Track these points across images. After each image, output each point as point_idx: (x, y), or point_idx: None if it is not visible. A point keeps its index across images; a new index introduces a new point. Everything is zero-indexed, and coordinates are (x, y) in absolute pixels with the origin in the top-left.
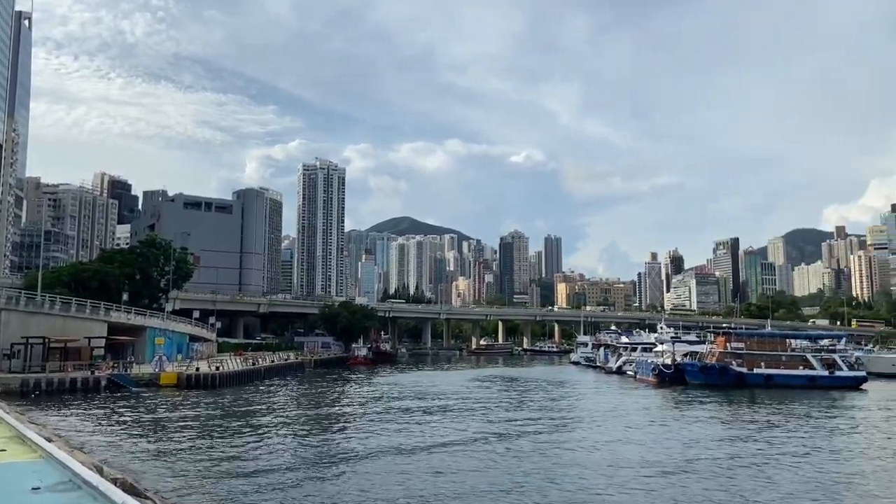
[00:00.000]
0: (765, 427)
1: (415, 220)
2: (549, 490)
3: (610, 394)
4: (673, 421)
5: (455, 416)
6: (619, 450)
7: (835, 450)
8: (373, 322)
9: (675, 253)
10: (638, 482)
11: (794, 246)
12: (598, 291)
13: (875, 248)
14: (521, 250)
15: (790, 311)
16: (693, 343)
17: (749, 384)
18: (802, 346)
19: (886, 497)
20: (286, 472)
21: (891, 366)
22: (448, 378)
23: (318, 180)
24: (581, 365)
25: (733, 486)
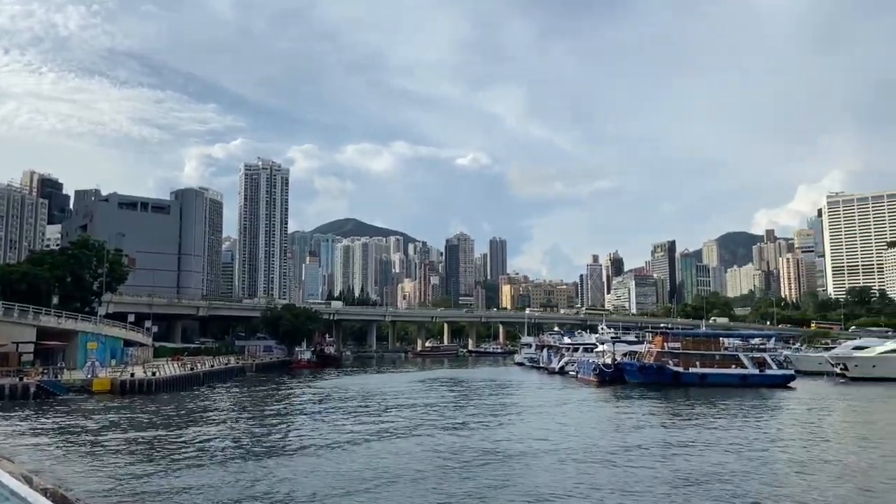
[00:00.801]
0: (696, 423)
1: (360, 222)
2: (493, 486)
3: (552, 394)
4: (610, 419)
5: (400, 418)
6: (560, 446)
7: (760, 444)
8: (317, 325)
9: (615, 255)
10: (579, 477)
11: (727, 249)
12: (542, 293)
13: (802, 250)
14: (467, 252)
15: (723, 312)
16: (632, 343)
17: (684, 383)
18: (735, 345)
19: (806, 481)
20: (223, 477)
21: (817, 364)
22: (393, 380)
23: (261, 180)
24: (525, 366)
25: (668, 476)
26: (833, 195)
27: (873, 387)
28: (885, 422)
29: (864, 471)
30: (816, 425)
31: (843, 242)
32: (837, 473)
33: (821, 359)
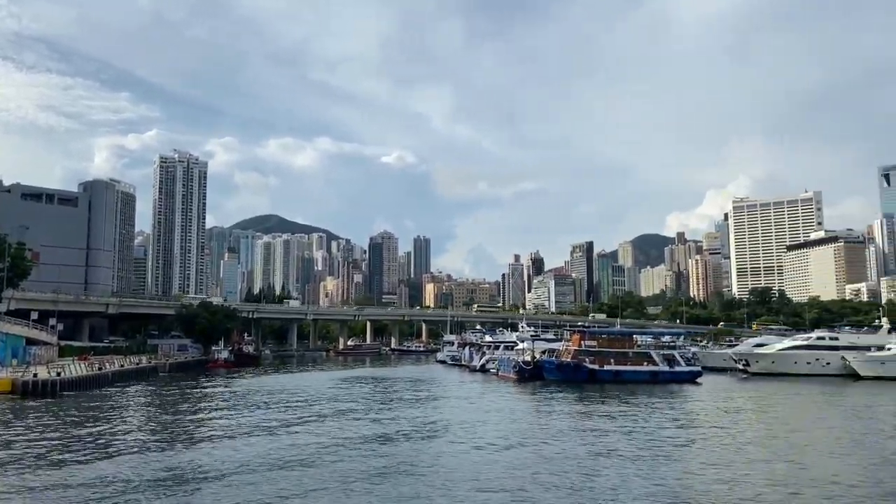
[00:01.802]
0: (608, 418)
1: (282, 219)
2: (413, 483)
3: (472, 390)
4: (527, 414)
5: (319, 416)
6: (476, 441)
7: (666, 435)
8: (235, 323)
9: (536, 255)
10: (496, 470)
11: (641, 250)
12: (465, 292)
13: (710, 252)
14: (391, 250)
15: (637, 311)
16: (551, 341)
17: (599, 380)
18: (647, 343)
19: (708, 465)
20: (130, 481)
21: (722, 360)
22: (314, 379)
23: (177, 173)
24: (447, 364)
25: (580, 467)
26: (738, 200)
27: (772, 381)
28: (782, 412)
29: (765, 459)
30: (720, 417)
31: (747, 245)
32: (741, 461)
33: (725, 355)
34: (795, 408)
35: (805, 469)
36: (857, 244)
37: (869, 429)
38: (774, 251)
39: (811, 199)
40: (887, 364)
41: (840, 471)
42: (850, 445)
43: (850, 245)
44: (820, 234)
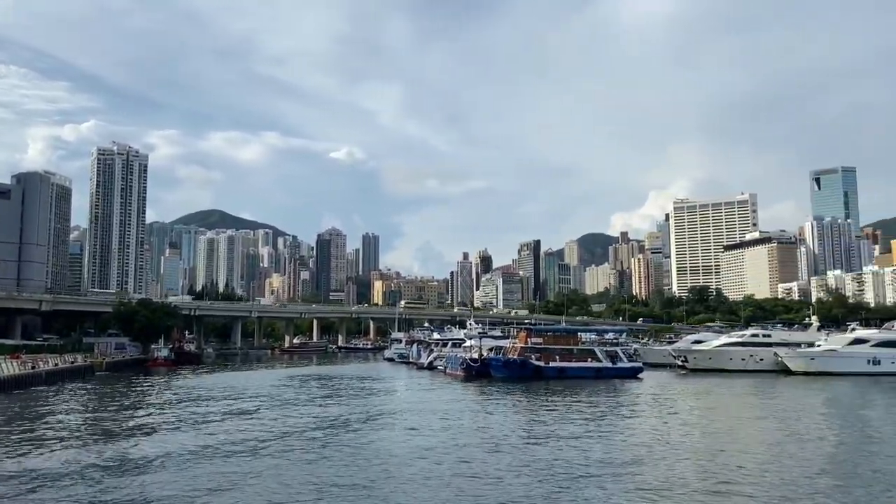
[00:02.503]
0: (551, 413)
1: (226, 214)
2: (356, 482)
3: (419, 388)
4: (472, 411)
5: (261, 414)
6: (423, 437)
7: (608, 429)
8: (176, 321)
9: (484, 253)
10: (441, 467)
11: (586, 249)
12: (414, 289)
13: (651, 252)
14: (339, 247)
15: (582, 308)
16: (498, 339)
17: (545, 377)
18: (591, 340)
19: (646, 453)
20: (63, 487)
21: (662, 357)
22: (257, 378)
23: (116, 166)
24: (395, 361)
25: (525, 462)
26: (679, 201)
27: (709, 377)
28: (717, 406)
29: (700, 449)
30: (660, 411)
31: (687, 245)
32: (679, 451)
33: (665, 352)
34: (729, 402)
35: (733, 459)
36: (789, 245)
37: (797, 422)
38: (712, 251)
39: (747, 201)
40: (817, 360)
41: (765, 461)
42: (778, 437)
43: (782, 246)
44: (755, 234)
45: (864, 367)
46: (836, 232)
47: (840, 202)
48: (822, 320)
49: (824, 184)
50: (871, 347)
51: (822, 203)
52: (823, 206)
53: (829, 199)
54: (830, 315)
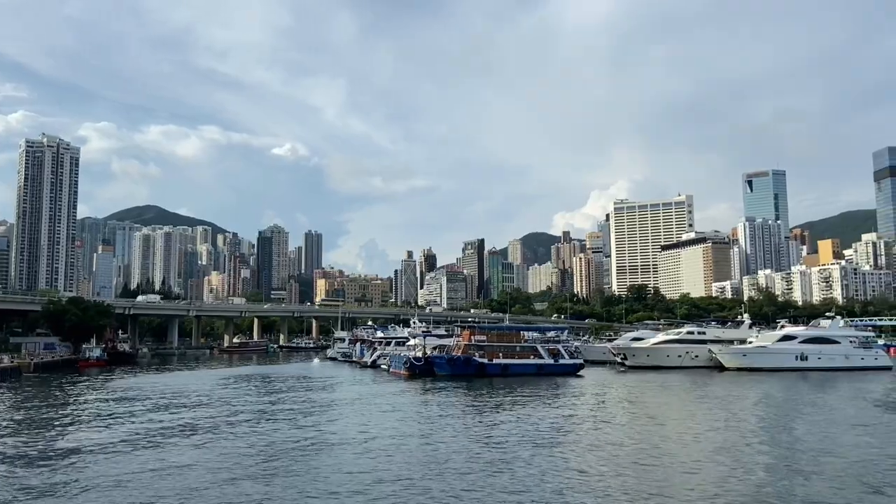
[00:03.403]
0: (494, 409)
1: (163, 210)
2: (295, 480)
3: (362, 386)
4: (415, 409)
5: (196, 416)
6: (364, 436)
7: (549, 424)
8: (109, 320)
9: (428, 252)
10: (382, 465)
11: (529, 248)
12: (357, 288)
13: (592, 251)
14: (281, 245)
15: (525, 306)
16: (442, 337)
17: (489, 374)
18: (534, 337)
19: (584, 443)
20: None
21: (602, 354)
22: (194, 378)
23: (46, 159)
24: (338, 360)
25: (466, 459)
26: (619, 202)
27: (647, 373)
28: (653, 402)
29: (635, 442)
30: (597, 407)
31: (626, 244)
32: (617, 444)
33: (605, 349)
34: (665, 397)
35: (667, 452)
36: (722, 245)
37: (729, 415)
38: (651, 250)
39: (683, 203)
40: (748, 356)
41: (696, 453)
42: (709, 431)
43: (716, 246)
44: (691, 235)
45: (792, 363)
46: (766, 233)
47: (770, 204)
48: (753, 318)
49: (756, 186)
50: (799, 344)
51: (754, 205)
52: (755, 208)
53: (760, 201)
54: (761, 313)
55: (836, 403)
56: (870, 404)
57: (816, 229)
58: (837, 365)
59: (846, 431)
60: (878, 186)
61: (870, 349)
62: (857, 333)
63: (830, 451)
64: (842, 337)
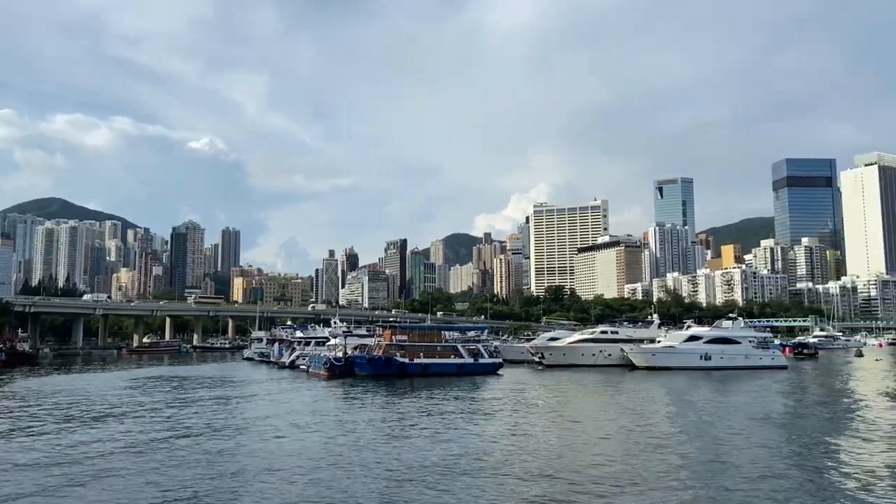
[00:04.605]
0: (412, 409)
1: (69, 203)
2: (203, 483)
3: (279, 387)
4: (333, 409)
5: (100, 419)
6: (278, 438)
7: (465, 422)
8: (7, 318)
9: (350, 251)
10: (297, 466)
11: (451, 248)
12: (276, 287)
13: (512, 252)
14: (196, 242)
15: (446, 306)
16: (363, 336)
17: (410, 373)
18: (455, 337)
19: (502, 440)
20: None
21: (520, 353)
22: (100, 380)
23: None
24: (255, 361)
25: (384, 458)
26: (538, 205)
27: (563, 372)
28: (568, 399)
29: (551, 438)
30: (515, 404)
31: (545, 247)
32: (532, 440)
33: (523, 349)
34: (579, 395)
35: (581, 445)
36: (635, 248)
37: (639, 411)
38: (568, 253)
39: (599, 207)
40: (657, 355)
41: (606, 448)
42: (622, 424)
43: (629, 249)
44: (605, 238)
45: (697, 363)
46: (675, 237)
47: (679, 210)
48: (662, 318)
49: (666, 193)
50: (704, 344)
51: (664, 210)
52: (665, 214)
53: (669, 207)
54: (669, 314)
55: (735, 400)
56: (765, 401)
57: (720, 235)
58: (738, 364)
59: (741, 426)
60: (776, 195)
61: (767, 349)
62: (756, 334)
63: (728, 442)
64: (742, 337)
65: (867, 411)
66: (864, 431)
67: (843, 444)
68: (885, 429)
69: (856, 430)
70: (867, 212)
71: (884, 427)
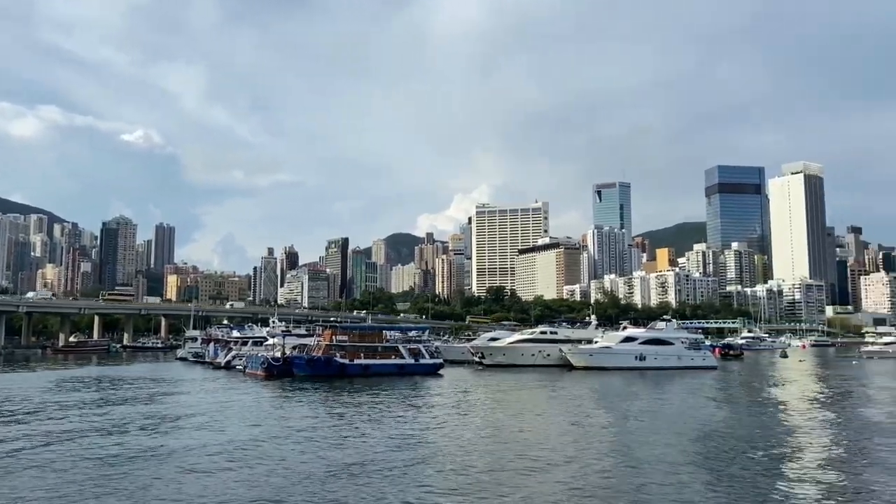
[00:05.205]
0: (351, 409)
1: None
2: (133, 491)
3: (214, 389)
4: (268, 409)
5: (25, 427)
6: (208, 440)
7: (403, 423)
8: None
9: (290, 249)
10: (230, 469)
11: (393, 248)
12: (212, 285)
13: (454, 253)
14: (128, 238)
15: (387, 306)
16: (303, 336)
17: (350, 374)
18: (396, 337)
19: (441, 440)
20: None
21: (461, 354)
22: (21, 381)
23: None
24: (188, 361)
25: (318, 459)
26: (480, 206)
27: (503, 372)
28: (506, 398)
29: (489, 437)
30: (454, 404)
31: (486, 247)
32: (470, 439)
33: (464, 349)
34: (517, 394)
35: (518, 443)
36: (574, 250)
37: (575, 409)
38: (509, 254)
39: (540, 209)
40: (594, 356)
41: (541, 446)
42: (560, 423)
43: (568, 251)
44: (546, 240)
45: (632, 363)
46: (612, 240)
47: (617, 214)
48: (599, 319)
49: (605, 196)
50: (639, 345)
51: (603, 214)
52: (603, 217)
53: (608, 211)
54: (606, 315)
55: (669, 398)
56: (693, 399)
57: (656, 238)
58: (671, 364)
59: (672, 420)
60: (709, 201)
61: (699, 350)
62: (688, 335)
63: (642, 438)
64: (675, 338)
65: (789, 412)
66: (782, 431)
67: (758, 442)
68: (802, 427)
69: (775, 428)
70: (793, 218)
71: (802, 425)
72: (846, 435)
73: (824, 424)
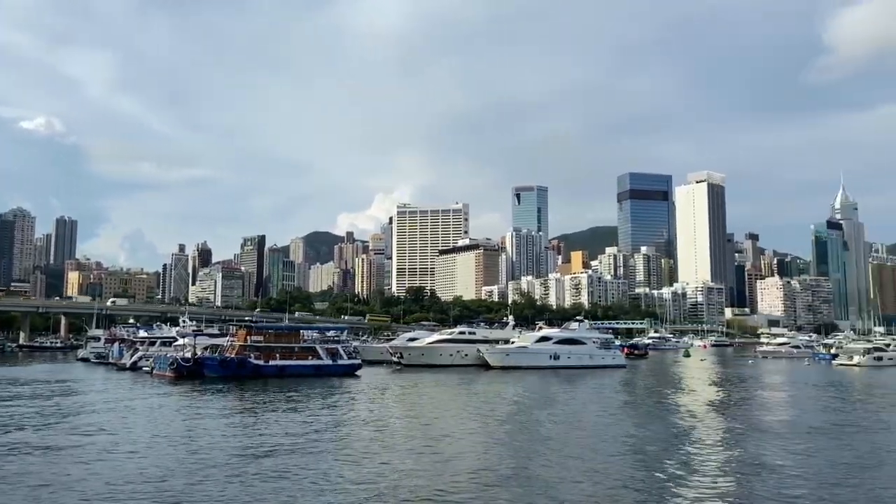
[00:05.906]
0: (264, 411)
1: None
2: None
3: (117, 391)
4: (173, 413)
5: None
6: (111, 444)
7: (316, 425)
8: None
9: (203, 246)
10: (130, 473)
11: (312, 247)
12: (118, 282)
13: (375, 252)
14: (26, 231)
15: (305, 306)
16: (215, 336)
17: (264, 375)
18: (314, 337)
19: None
20: None
21: (380, 354)
22: None
23: None
24: (91, 362)
25: (226, 465)
26: (402, 206)
27: (421, 372)
28: (423, 398)
29: (405, 436)
30: (370, 404)
31: (407, 247)
32: (386, 438)
33: (383, 349)
34: (434, 394)
35: (434, 441)
36: (493, 252)
37: (491, 408)
38: (429, 254)
39: (460, 211)
40: (511, 355)
41: (460, 442)
42: (475, 420)
43: (488, 252)
44: (466, 241)
45: (547, 362)
46: (530, 242)
47: (534, 216)
48: (516, 320)
49: (523, 199)
50: (553, 345)
51: (521, 216)
52: (521, 219)
53: (526, 214)
54: (522, 315)
55: (580, 396)
56: (602, 396)
57: (570, 241)
58: (584, 363)
59: (585, 417)
60: (620, 206)
61: (609, 349)
62: (599, 335)
63: (573, 431)
64: (587, 338)
65: (682, 408)
66: (675, 426)
67: (650, 435)
68: (688, 422)
69: (669, 425)
70: (697, 224)
71: (687, 421)
72: (731, 434)
73: (712, 425)
